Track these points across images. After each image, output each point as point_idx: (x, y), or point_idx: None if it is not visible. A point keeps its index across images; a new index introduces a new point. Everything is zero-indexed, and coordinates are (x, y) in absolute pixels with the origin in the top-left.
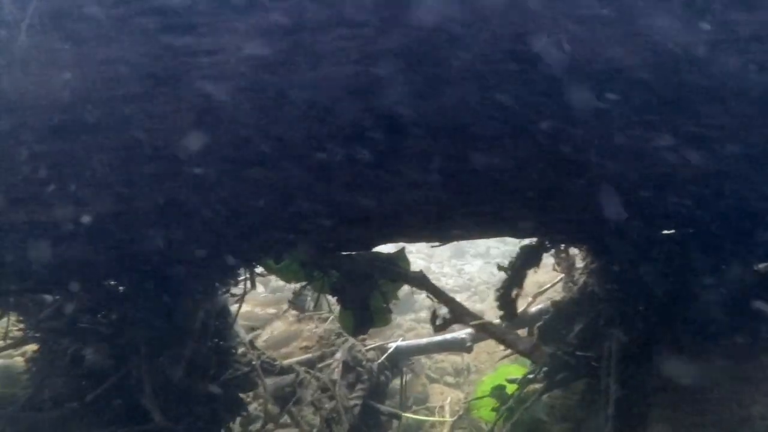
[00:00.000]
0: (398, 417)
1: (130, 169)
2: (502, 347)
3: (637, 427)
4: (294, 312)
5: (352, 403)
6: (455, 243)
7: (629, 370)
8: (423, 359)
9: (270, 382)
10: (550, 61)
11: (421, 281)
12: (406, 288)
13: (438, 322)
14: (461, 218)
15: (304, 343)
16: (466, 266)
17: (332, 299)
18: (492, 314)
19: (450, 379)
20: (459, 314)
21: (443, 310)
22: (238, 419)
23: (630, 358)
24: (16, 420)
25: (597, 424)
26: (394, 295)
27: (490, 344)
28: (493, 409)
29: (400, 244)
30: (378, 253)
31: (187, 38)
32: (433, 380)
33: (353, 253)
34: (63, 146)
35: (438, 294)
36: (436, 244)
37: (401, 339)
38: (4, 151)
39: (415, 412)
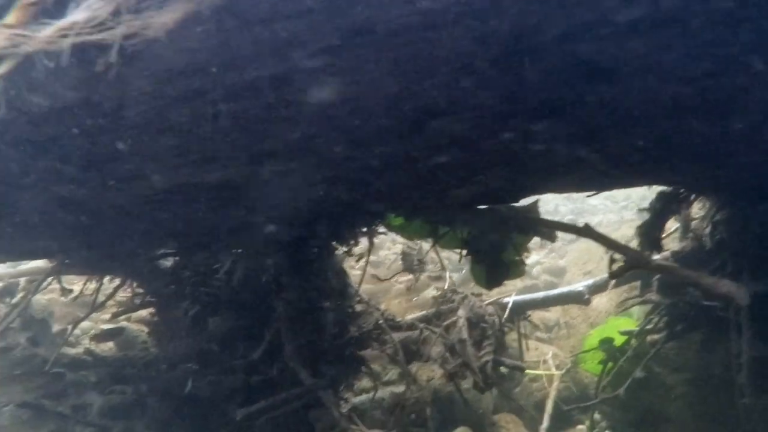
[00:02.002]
0: (522, 370)
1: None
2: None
3: None
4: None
5: (483, 360)
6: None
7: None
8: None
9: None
10: None
11: (586, 230)
12: None
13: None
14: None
15: (396, 299)
16: None
17: (446, 257)
18: (575, 270)
19: (541, 335)
20: (638, 260)
21: None
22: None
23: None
24: (139, 380)
25: (716, 376)
26: (525, 247)
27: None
28: (600, 362)
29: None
30: (512, 206)
31: None
32: (523, 336)
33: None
34: (246, 105)
35: (607, 242)
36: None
37: (515, 293)
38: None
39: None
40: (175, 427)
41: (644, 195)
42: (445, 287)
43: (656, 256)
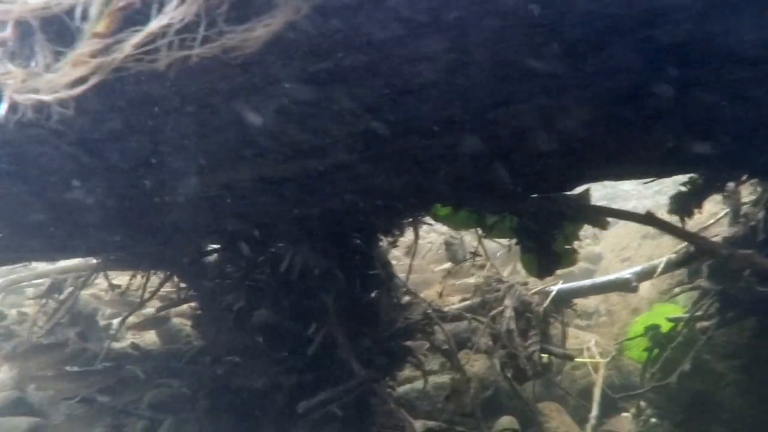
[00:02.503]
0: (571, 358)
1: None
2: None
3: None
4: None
5: (530, 350)
6: None
7: None
8: None
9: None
10: None
11: (650, 218)
12: None
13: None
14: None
15: (436, 289)
16: None
17: (489, 246)
18: (611, 257)
19: (581, 322)
20: (708, 248)
21: None
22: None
23: None
24: (182, 373)
25: None
26: (576, 235)
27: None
28: (645, 350)
29: None
30: (564, 194)
31: None
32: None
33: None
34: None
35: (674, 230)
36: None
37: (561, 282)
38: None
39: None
40: (225, 420)
41: (677, 179)
42: (489, 276)
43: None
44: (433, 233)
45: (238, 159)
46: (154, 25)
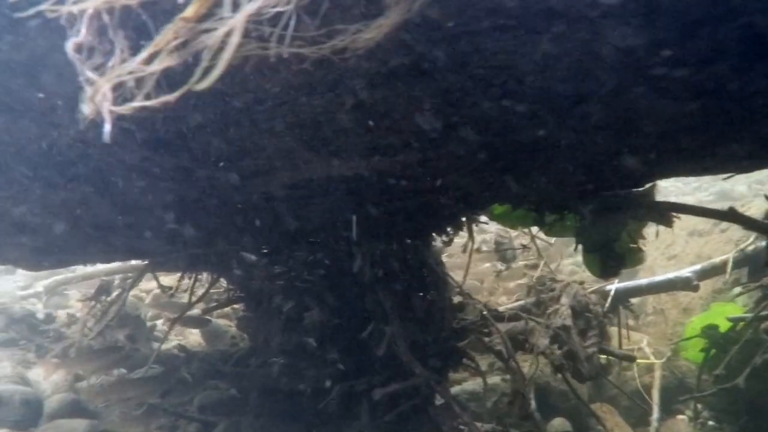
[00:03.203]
0: (632, 360)
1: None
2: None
3: None
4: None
5: (589, 351)
6: None
7: None
8: None
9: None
10: None
11: (732, 214)
12: None
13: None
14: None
15: (487, 289)
16: None
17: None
18: (656, 254)
19: (630, 322)
20: None
21: None
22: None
23: None
24: (229, 375)
25: None
26: (640, 233)
27: None
28: (702, 350)
29: None
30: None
31: None
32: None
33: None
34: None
35: (759, 226)
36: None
37: (617, 281)
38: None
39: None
40: (277, 423)
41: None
42: (543, 275)
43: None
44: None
45: (313, 157)
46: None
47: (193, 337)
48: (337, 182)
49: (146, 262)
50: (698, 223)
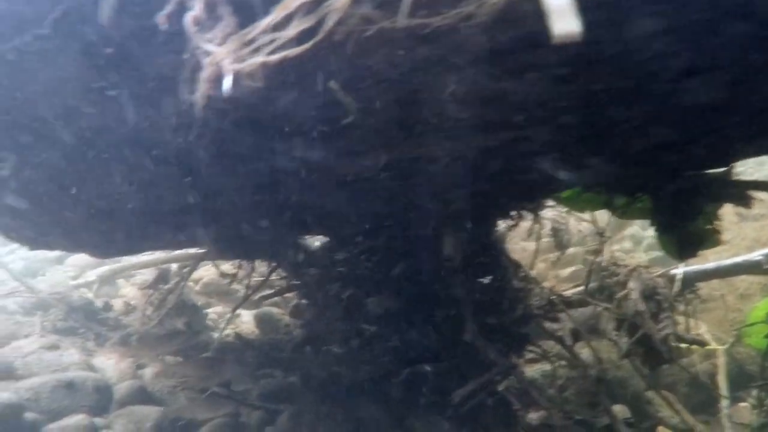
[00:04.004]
0: (703, 345)
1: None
2: None
3: None
4: None
5: (662, 333)
6: None
7: None
8: None
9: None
10: None
11: None
12: None
13: None
14: None
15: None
16: None
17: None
18: None
19: (682, 307)
20: None
21: None
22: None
23: None
24: (285, 363)
25: None
26: (716, 215)
27: None
28: (766, 336)
29: None
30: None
31: None
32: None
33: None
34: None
35: None
36: None
37: (684, 264)
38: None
39: None
40: (341, 410)
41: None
42: (605, 260)
43: None
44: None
45: (408, 136)
46: None
47: (245, 325)
48: (429, 163)
49: (202, 251)
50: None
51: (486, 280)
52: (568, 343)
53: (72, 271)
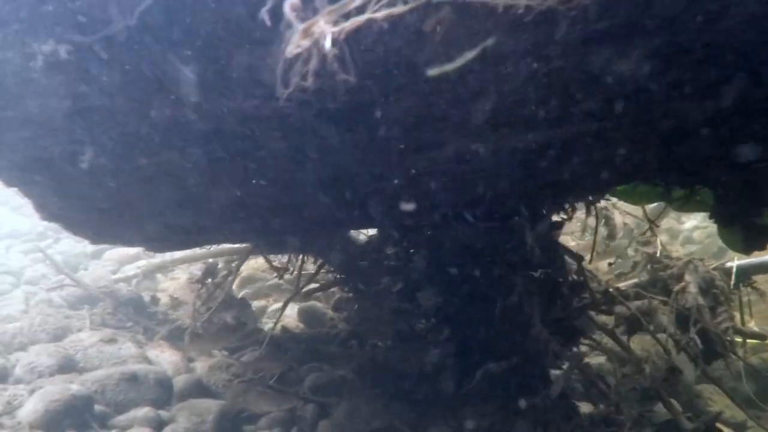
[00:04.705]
0: (764, 338)
1: None
2: None
3: None
4: None
5: (722, 327)
6: None
7: None
8: None
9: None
10: None
11: None
12: None
13: None
14: None
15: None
16: None
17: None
18: None
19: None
20: None
21: None
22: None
23: None
24: (332, 357)
25: None
26: None
27: None
28: None
29: None
30: None
31: None
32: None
33: None
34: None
35: None
36: None
37: (735, 258)
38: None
39: None
40: (395, 404)
41: None
42: (657, 253)
43: None
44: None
45: (491, 127)
46: None
47: (288, 319)
48: (510, 154)
49: (250, 245)
50: None
51: (543, 273)
52: (622, 337)
53: (111, 266)
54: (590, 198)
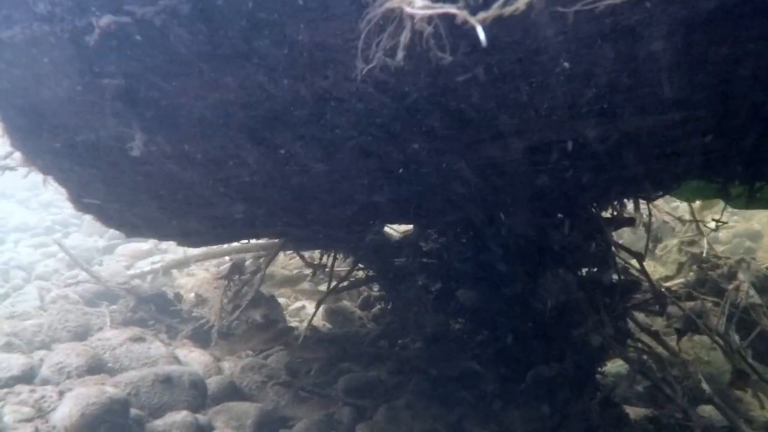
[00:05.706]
0: None
1: None
2: None
3: None
4: None
5: None
6: None
7: None
8: None
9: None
10: None
11: None
12: None
13: None
14: None
15: None
16: None
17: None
18: None
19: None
20: None
21: None
22: None
23: None
24: (365, 358)
25: None
26: None
27: None
28: None
29: None
30: None
31: None
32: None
33: None
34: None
35: None
36: None
37: None
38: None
39: None
40: (434, 406)
41: None
42: (704, 253)
43: None
44: None
45: (568, 116)
46: None
47: (315, 319)
48: (580, 146)
49: (280, 241)
50: None
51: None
52: (663, 339)
53: (124, 261)
54: (660, 193)
